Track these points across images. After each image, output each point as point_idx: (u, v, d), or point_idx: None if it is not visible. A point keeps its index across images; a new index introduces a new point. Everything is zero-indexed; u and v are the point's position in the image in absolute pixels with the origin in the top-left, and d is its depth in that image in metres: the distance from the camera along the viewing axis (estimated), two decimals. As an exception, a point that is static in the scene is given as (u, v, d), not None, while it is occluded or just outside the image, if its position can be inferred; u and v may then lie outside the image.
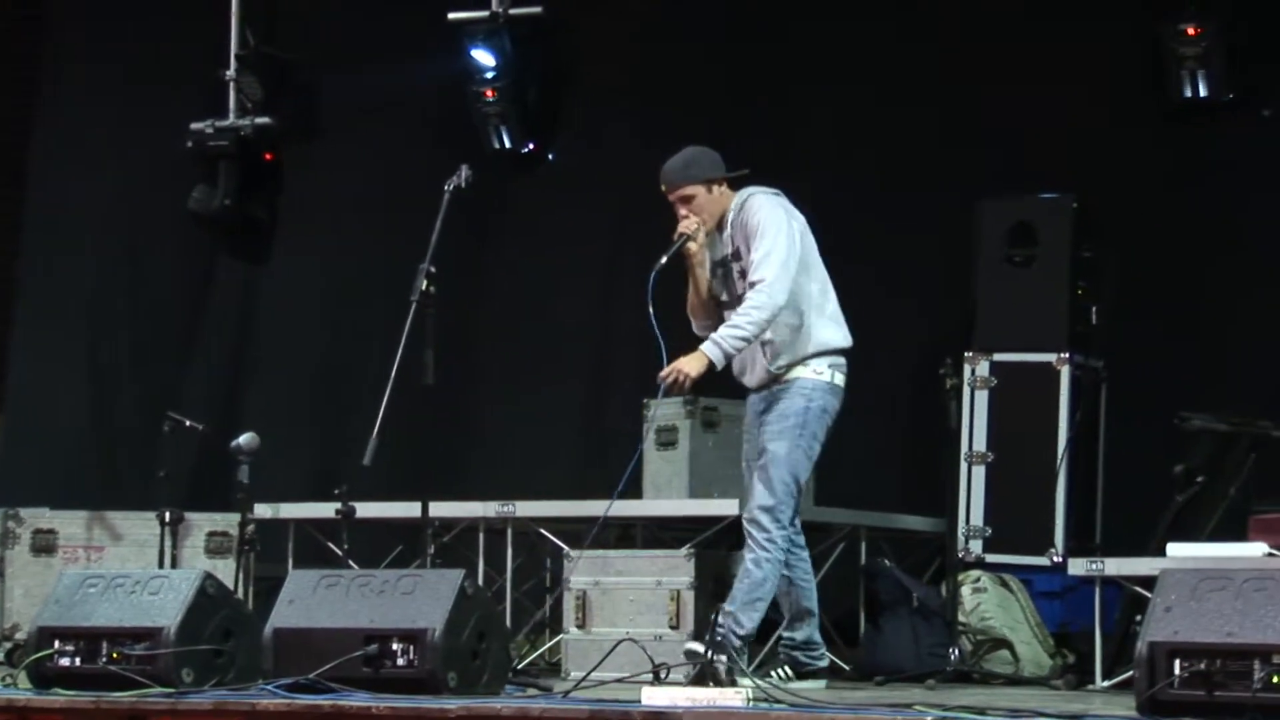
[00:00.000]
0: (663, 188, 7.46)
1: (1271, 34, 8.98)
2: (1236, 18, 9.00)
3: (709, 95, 10.12)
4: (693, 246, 7.39)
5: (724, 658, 6.66)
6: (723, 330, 7.29)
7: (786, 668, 7.46)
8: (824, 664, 7.53)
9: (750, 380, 7.50)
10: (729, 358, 7.30)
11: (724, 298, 7.48)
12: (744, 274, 7.37)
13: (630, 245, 10.39)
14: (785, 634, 7.56)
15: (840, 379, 7.45)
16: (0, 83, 11.69)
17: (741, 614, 7.26)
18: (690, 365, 7.24)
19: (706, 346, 7.26)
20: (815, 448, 7.38)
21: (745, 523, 7.38)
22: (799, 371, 7.39)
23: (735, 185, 7.50)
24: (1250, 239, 9.03)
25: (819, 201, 9.87)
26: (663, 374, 7.27)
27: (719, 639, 7.01)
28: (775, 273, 7.24)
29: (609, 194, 10.34)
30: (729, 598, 7.38)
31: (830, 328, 7.44)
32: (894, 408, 9.66)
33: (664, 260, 7.36)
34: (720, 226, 7.46)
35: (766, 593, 7.31)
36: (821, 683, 7.46)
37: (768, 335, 7.33)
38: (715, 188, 7.42)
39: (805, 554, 7.60)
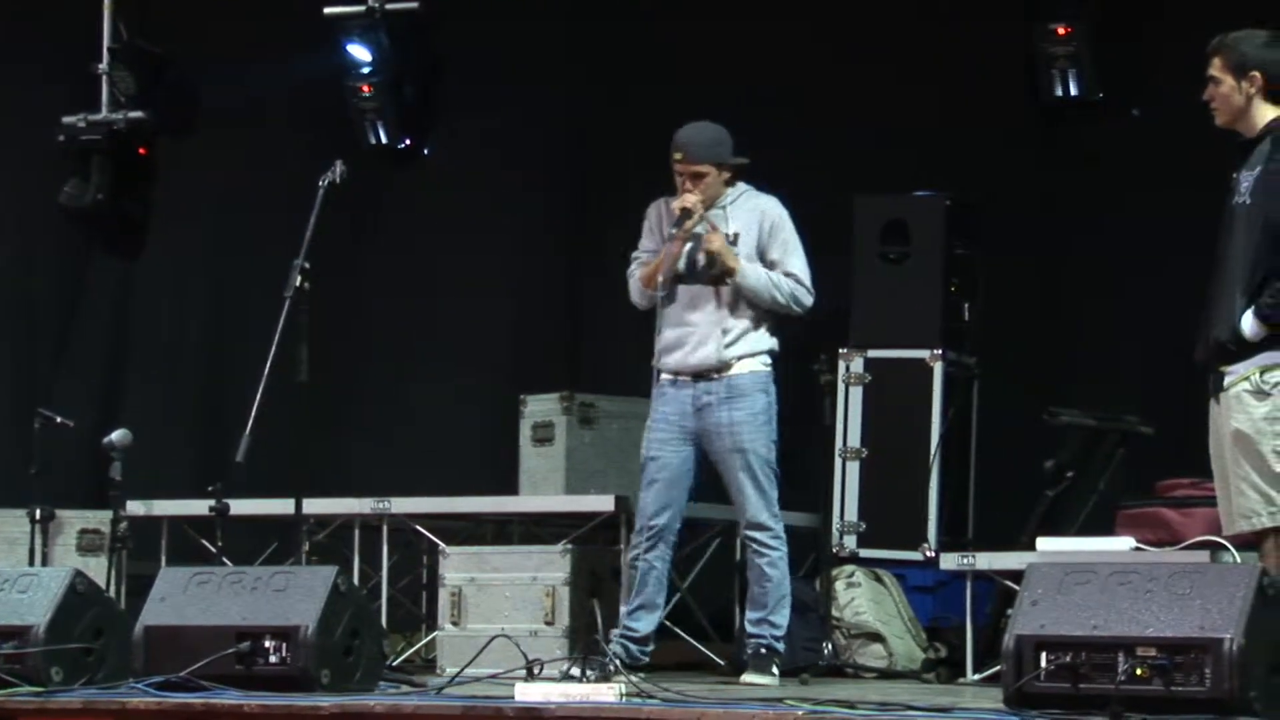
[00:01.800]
0: (678, 156, 7.40)
1: (1141, 34, 9.10)
2: (1106, 18, 9.10)
3: (585, 87, 10.15)
4: (689, 224, 7.42)
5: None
6: (771, 272, 7.40)
7: (619, 660, 7.38)
8: (648, 660, 7.50)
9: (690, 358, 7.43)
10: (748, 284, 7.36)
11: (680, 270, 7.46)
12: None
13: (504, 239, 10.40)
14: (629, 623, 7.46)
15: None
16: None
17: (774, 617, 7.42)
18: (723, 248, 7.33)
19: (743, 262, 7.34)
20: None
21: (748, 530, 7.42)
22: (752, 364, 7.47)
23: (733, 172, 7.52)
24: (1120, 237, 9.14)
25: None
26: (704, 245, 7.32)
27: (761, 650, 7.32)
28: (809, 278, 7.49)
29: (485, 189, 10.34)
30: (752, 606, 7.44)
31: (775, 330, 7.56)
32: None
33: (674, 232, 7.38)
34: (708, 204, 7.47)
35: (788, 588, 7.49)
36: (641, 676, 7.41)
37: (729, 322, 7.40)
38: (724, 171, 7.46)
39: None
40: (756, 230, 7.47)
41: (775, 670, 7.43)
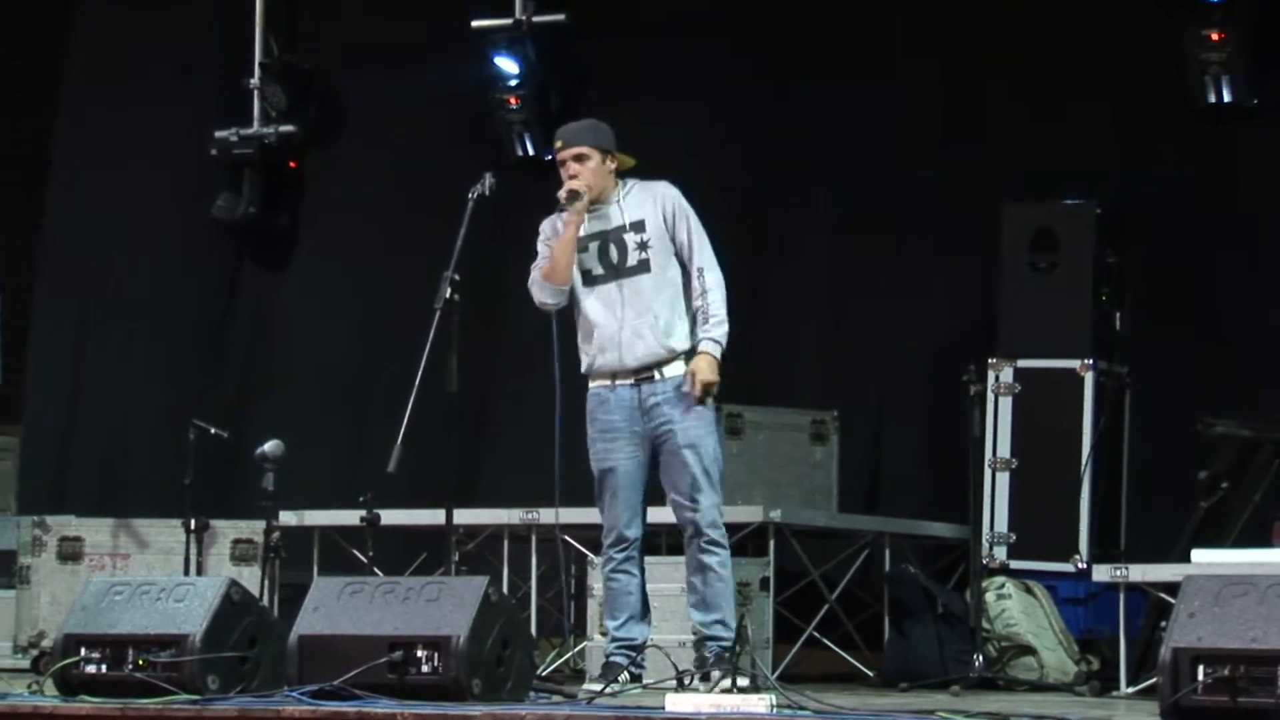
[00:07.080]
0: (558, 144, 7.36)
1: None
2: (1261, 23, 8.99)
3: (728, 99, 10.13)
4: (579, 205, 7.31)
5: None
6: (710, 330, 7.26)
7: (628, 672, 7.25)
8: (644, 669, 7.35)
9: (629, 358, 7.30)
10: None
11: (598, 271, 7.35)
12: (644, 245, 7.30)
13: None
14: (624, 635, 7.31)
15: None
16: (26, 89, 11.72)
17: (729, 618, 7.25)
18: (713, 374, 7.24)
19: (708, 348, 7.24)
20: None
21: (707, 529, 7.26)
22: (685, 364, 7.31)
23: (621, 168, 7.42)
24: (1273, 244, 9.01)
25: (839, 205, 9.94)
26: (698, 393, 7.21)
27: (724, 654, 7.11)
28: (715, 263, 7.35)
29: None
30: (705, 608, 7.26)
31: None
32: (917, 414, 9.66)
33: (565, 217, 7.28)
34: (603, 200, 7.36)
35: (733, 586, 7.38)
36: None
37: (659, 311, 7.26)
38: (609, 160, 7.37)
39: None
40: (658, 213, 7.33)
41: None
